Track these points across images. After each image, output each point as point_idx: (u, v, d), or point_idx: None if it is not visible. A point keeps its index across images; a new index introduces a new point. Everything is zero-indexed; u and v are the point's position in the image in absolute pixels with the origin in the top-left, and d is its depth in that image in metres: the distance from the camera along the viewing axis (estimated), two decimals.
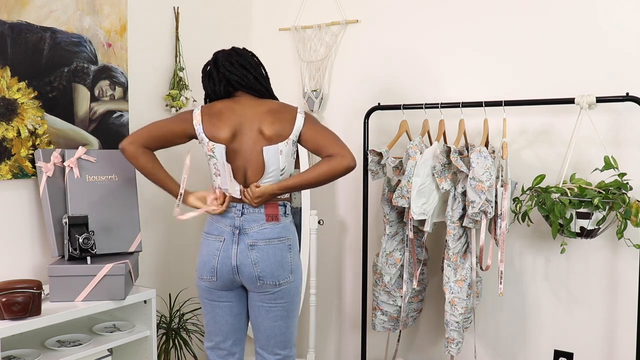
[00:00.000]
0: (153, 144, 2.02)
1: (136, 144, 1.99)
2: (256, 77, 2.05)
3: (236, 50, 2.09)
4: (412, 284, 2.54)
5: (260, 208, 2.00)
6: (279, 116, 2.00)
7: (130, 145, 1.99)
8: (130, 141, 2.00)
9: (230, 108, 2.02)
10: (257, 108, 2.02)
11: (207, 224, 2.07)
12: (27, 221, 2.20)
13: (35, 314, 1.87)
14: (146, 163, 2.01)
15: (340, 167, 1.94)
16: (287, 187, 2.00)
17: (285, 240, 2.02)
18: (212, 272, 2.02)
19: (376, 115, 2.74)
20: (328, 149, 1.97)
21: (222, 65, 2.05)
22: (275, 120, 1.99)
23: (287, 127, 1.99)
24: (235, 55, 2.06)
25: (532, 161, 2.50)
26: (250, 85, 2.04)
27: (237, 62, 2.04)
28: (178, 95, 2.71)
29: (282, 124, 1.99)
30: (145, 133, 2.02)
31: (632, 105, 2.24)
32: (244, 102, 2.04)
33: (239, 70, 2.03)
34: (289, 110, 2.03)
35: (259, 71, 2.08)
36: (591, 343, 2.43)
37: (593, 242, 2.37)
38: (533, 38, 2.49)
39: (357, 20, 2.92)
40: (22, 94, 2.14)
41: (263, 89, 2.07)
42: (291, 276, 2.03)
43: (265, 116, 2.00)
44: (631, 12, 2.30)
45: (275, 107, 2.04)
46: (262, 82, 2.07)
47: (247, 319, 2.15)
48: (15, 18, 2.11)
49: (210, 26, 2.97)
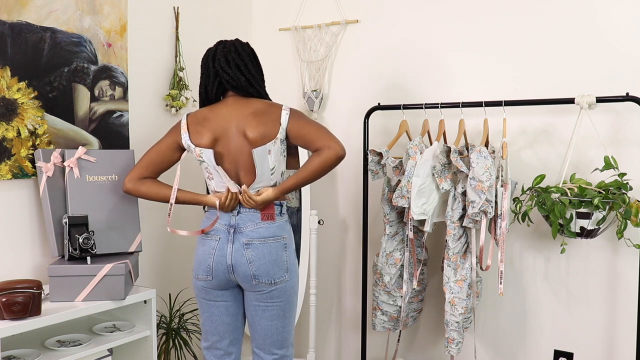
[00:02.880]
0: (149, 172, 2.10)
1: (133, 180, 2.08)
2: (248, 79, 2.05)
3: (236, 46, 2.06)
4: (412, 284, 2.54)
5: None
6: (263, 118, 2.00)
7: (129, 183, 2.09)
8: (127, 180, 2.09)
9: (215, 113, 2.04)
10: (242, 110, 2.02)
11: (202, 223, 2.08)
12: (27, 221, 2.19)
13: (35, 314, 1.87)
14: (148, 189, 2.08)
15: (329, 159, 1.94)
16: (286, 190, 2.02)
17: (280, 239, 2.02)
18: (207, 272, 2.02)
19: (376, 115, 2.74)
20: (315, 143, 1.97)
21: (218, 61, 2.04)
22: (260, 123, 1.99)
23: (272, 128, 1.99)
24: (234, 52, 2.04)
25: (532, 161, 2.50)
26: (240, 86, 2.05)
27: (233, 61, 2.03)
28: (178, 95, 2.71)
29: (266, 125, 1.99)
30: (138, 166, 2.10)
31: (632, 105, 2.24)
32: (231, 104, 2.05)
33: (233, 70, 2.03)
34: (274, 111, 2.02)
35: (252, 73, 2.06)
36: (591, 343, 2.44)
37: (593, 242, 2.37)
38: (533, 38, 2.49)
39: (357, 20, 2.92)
40: (22, 94, 2.14)
41: (253, 90, 2.07)
42: (287, 275, 2.03)
43: (250, 119, 2.00)
44: (631, 12, 2.30)
45: (261, 108, 2.03)
46: (252, 84, 2.06)
47: (244, 319, 2.16)
48: (15, 18, 2.11)
49: (210, 26, 2.97)
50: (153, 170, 2.10)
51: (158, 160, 2.10)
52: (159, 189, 2.08)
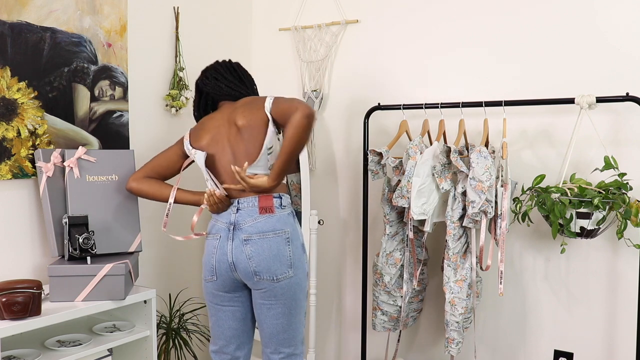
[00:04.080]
0: (153, 174, 2.19)
1: (137, 179, 2.18)
2: (228, 86, 2.18)
3: (215, 64, 2.24)
4: (412, 284, 2.54)
5: (255, 201, 2.01)
6: (249, 106, 2.09)
7: (133, 182, 2.18)
8: (131, 179, 2.19)
9: (211, 117, 2.19)
10: (232, 107, 2.14)
11: (208, 224, 2.10)
12: (27, 221, 2.19)
13: (35, 314, 1.87)
14: (150, 187, 2.17)
15: (298, 122, 1.90)
16: (275, 174, 2.00)
17: (281, 233, 2.00)
18: (212, 272, 2.03)
19: (376, 115, 2.74)
20: (287, 113, 1.96)
21: (200, 80, 2.24)
22: (246, 110, 2.07)
23: (258, 113, 2.04)
24: (211, 69, 2.22)
25: (532, 161, 2.50)
26: (224, 93, 2.18)
27: (211, 75, 2.21)
28: (178, 95, 2.71)
29: (252, 111, 2.06)
30: (143, 167, 2.21)
31: (632, 105, 2.24)
32: (224, 108, 2.18)
33: (212, 82, 2.20)
34: (259, 100, 2.10)
35: (229, 79, 2.18)
36: (591, 343, 2.44)
37: (593, 242, 2.38)
38: (533, 38, 2.49)
39: (357, 20, 2.92)
40: (22, 94, 2.14)
41: (238, 94, 2.18)
42: (290, 271, 2.00)
43: (238, 110, 2.10)
44: (631, 12, 2.30)
45: (248, 100, 2.14)
46: (234, 88, 2.18)
47: (253, 323, 2.16)
48: (15, 18, 2.11)
49: (210, 26, 2.97)
50: (158, 172, 2.20)
51: (164, 163, 2.20)
52: (161, 189, 2.15)
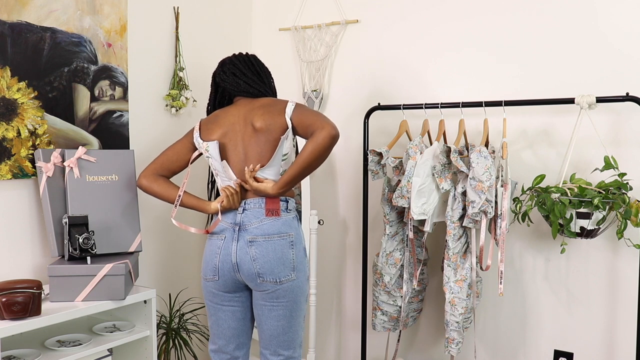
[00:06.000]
0: (163, 169, 2.16)
1: (148, 176, 2.14)
2: (247, 82, 2.13)
3: (232, 58, 2.18)
4: (412, 284, 2.54)
5: (262, 203, 2.00)
6: (269, 109, 2.05)
7: (144, 179, 2.14)
8: (142, 176, 2.15)
9: (225, 112, 2.13)
10: (250, 105, 2.09)
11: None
12: (27, 221, 2.19)
13: (35, 314, 1.87)
14: (160, 187, 2.13)
15: (322, 140, 1.90)
16: (284, 184, 1.99)
17: (286, 236, 2.00)
18: (214, 271, 2.02)
19: (376, 115, 2.74)
20: (311, 128, 1.96)
21: (218, 75, 2.18)
22: (265, 113, 2.04)
23: (278, 119, 2.02)
24: (229, 63, 2.17)
25: (532, 161, 2.50)
26: (242, 89, 2.14)
27: (229, 70, 2.16)
28: (178, 95, 2.71)
29: (272, 115, 2.03)
30: (153, 163, 2.16)
31: (632, 105, 2.24)
32: (240, 103, 2.13)
33: (230, 78, 2.15)
34: (280, 103, 2.07)
35: (248, 76, 2.14)
36: (591, 343, 2.44)
37: (593, 242, 2.38)
38: (533, 38, 2.49)
39: (357, 20, 2.92)
40: (22, 94, 2.14)
41: (255, 91, 2.14)
42: (293, 274, 2.00)
43: (257, 110, 2.06)
44: (631, 12, 2.30)
45: (268, 102, 2.10)
46: (253, 85, 2.13)
47: (252, 323, 2.16)
48: (15, 18, 2.11)
49: (210, 26, 2.97)
50: (167, 168, 2.16)
51: (173, 157, 2.16)
52: (170, 190, 2.12)
